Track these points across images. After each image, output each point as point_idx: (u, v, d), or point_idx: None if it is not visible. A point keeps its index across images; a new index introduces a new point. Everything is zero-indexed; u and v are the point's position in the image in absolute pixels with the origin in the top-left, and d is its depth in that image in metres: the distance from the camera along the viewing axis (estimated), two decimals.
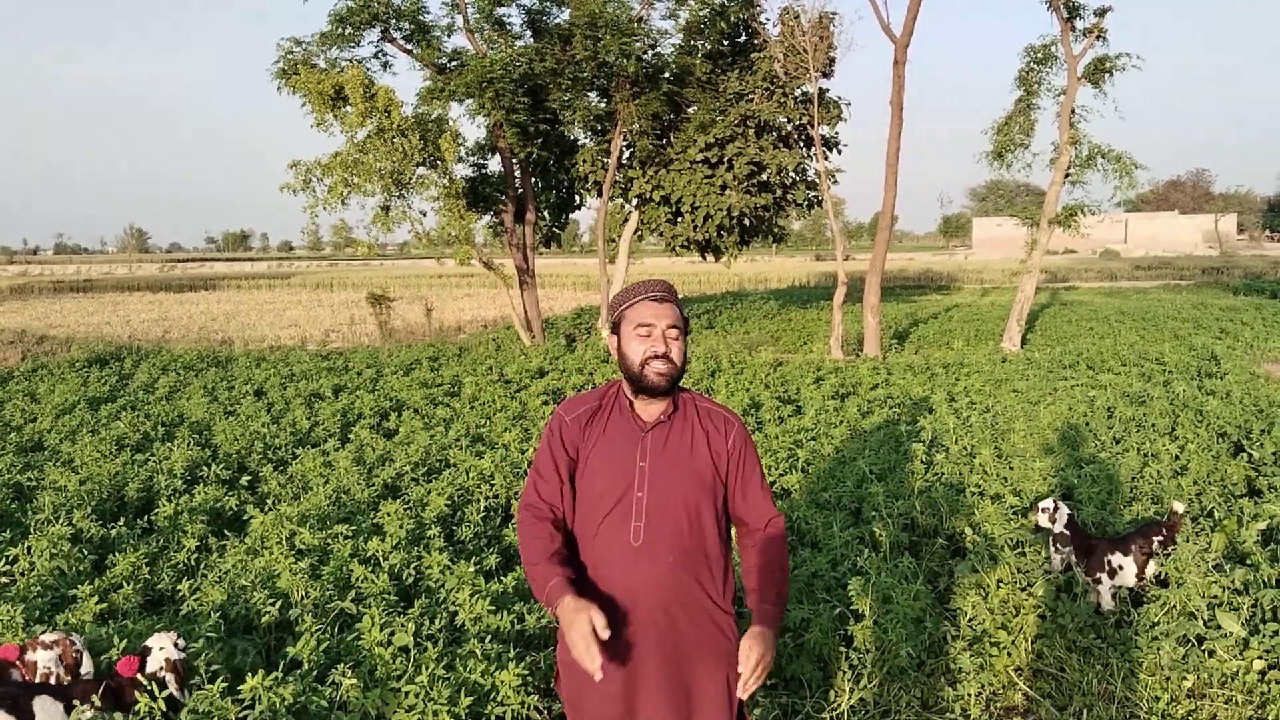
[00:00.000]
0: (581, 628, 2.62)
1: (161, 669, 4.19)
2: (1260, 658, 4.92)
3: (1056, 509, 6.07)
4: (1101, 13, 19.81)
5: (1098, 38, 19.96)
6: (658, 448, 2.94)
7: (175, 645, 4.27)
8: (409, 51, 22.31)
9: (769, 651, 2.77)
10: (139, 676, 4.13)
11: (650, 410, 2.98)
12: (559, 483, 2.97)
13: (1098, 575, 5.85)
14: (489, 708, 4.27)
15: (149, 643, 4.26)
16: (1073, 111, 20.15)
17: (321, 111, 20.10)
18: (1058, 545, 6.03)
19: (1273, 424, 9.79)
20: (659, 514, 2.90)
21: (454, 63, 22.30)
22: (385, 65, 22.54)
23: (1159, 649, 5.08)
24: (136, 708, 3.96)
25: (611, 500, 2.90)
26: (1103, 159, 20.23)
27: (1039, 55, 21.03)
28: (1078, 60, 20.08)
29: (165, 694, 4.04)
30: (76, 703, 3.96)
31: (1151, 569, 5.81)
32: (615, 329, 3.02)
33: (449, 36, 22.64)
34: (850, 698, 4.65)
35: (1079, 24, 20.06)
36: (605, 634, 2.62)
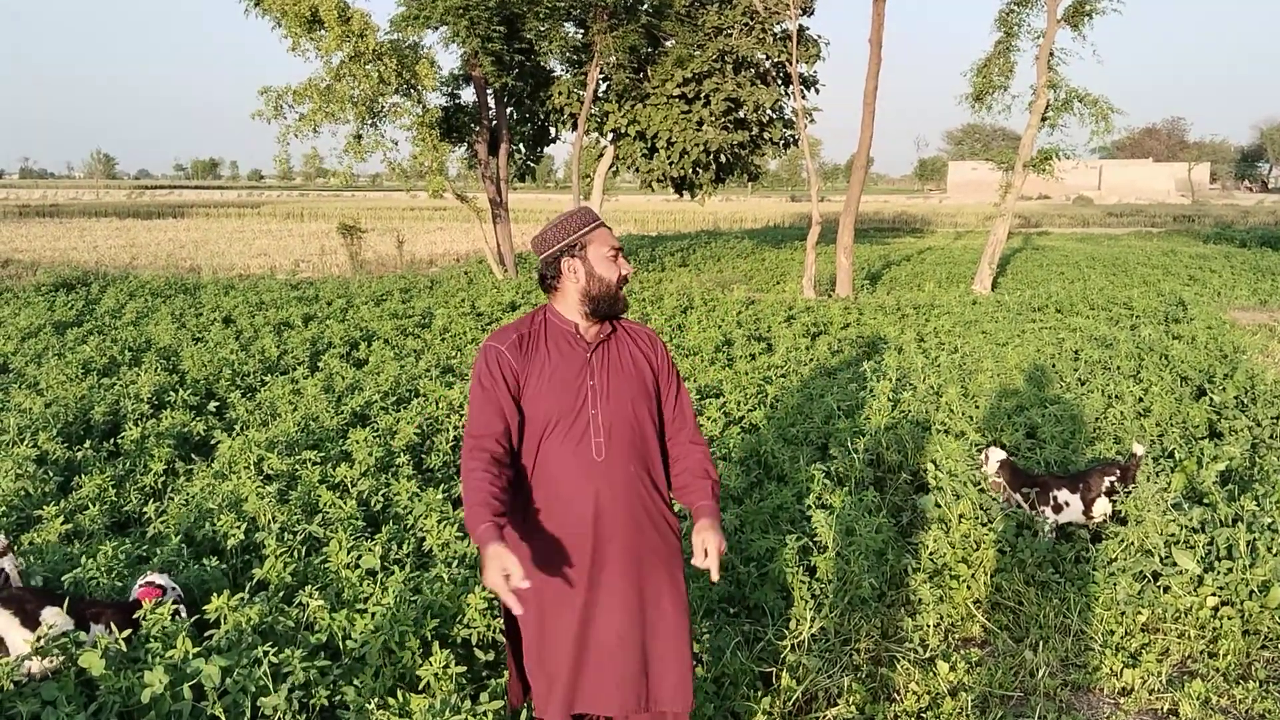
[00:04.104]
0: (494, 576, 2.70)
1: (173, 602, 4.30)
2: (1214, 594, 5.02)
3: (989, 456, 6.20)
4: None
5: None
6: (602, 365, 3.04)
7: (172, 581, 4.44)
8: None
9: (721, 538, 3.01)
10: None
11: (592, 331, 3.08)
12: (502, 410, 2.98)
13: (1041, 510, 5.97)
14: (455, 630, 4.31)
15: (155, 579, 4.35)
16: (1051, 54, 20.04)
17: (297, 35, 19.68)
18: (993, 491, 6.18)
19: (1236, 369, 9.92)
20: (616, 428, 3.01)
21: None
22: None
23: (1115, 584, 5.17)
24: (147, 624, 4.03)
25: (566, 420, 2.97)
26: (1080, 103, 20.17)
27: None
28: (1058, 2, 19.94)
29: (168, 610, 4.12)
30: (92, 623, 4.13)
31: (1102, 507, 5.90)
32: (573, 253, 3.04)
33: None
34: (812, 626, 4.72)
35: None
36: (524, 584, 2.69)
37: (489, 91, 22.92)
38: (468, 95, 24.21)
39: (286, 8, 19.29)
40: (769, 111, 24.17)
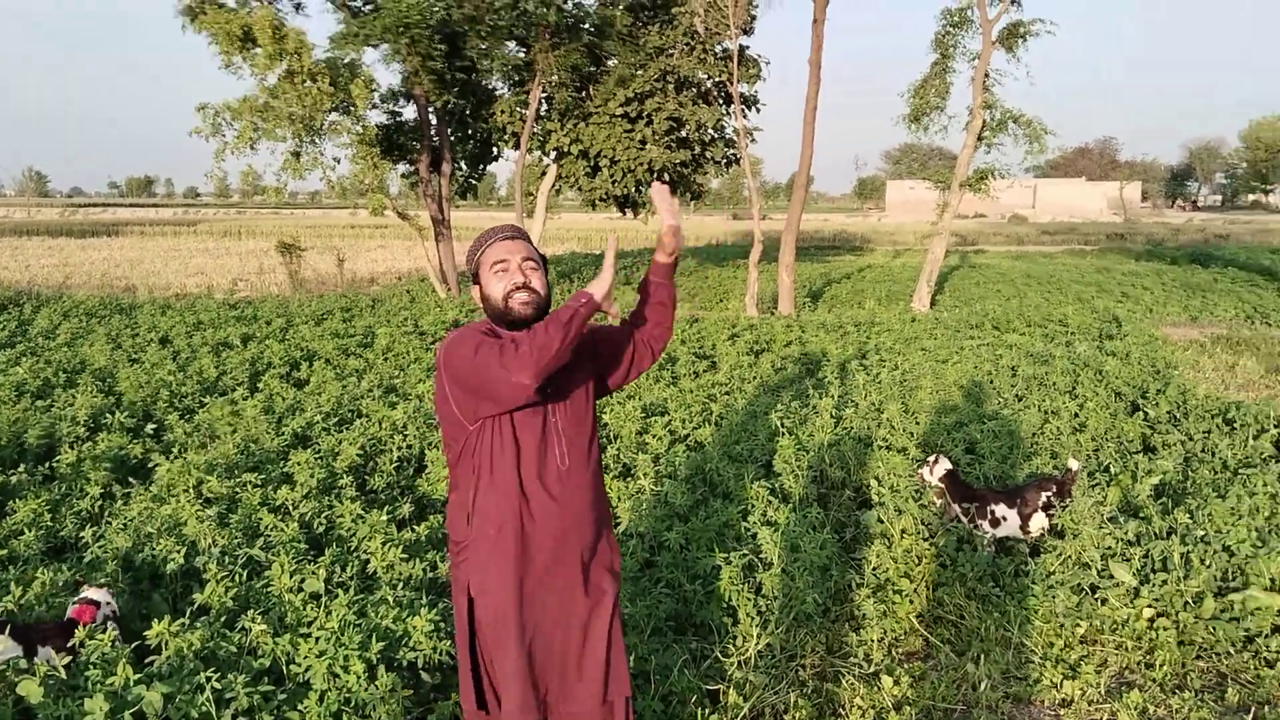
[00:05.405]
0: (605, 272, 2.89)
1: (106, 619, 4.31)
2: (1150, 606, 5.14)
3: (937, 462, 6.32)
4: None
5: (1012, 2, 20.23)
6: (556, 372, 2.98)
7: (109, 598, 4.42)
8: None
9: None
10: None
11: None
12: None
13: (979, 524, 6.07)
14: (401, 653, 4.28)
15: (91, 595, 4.32)
16: (986, 75, 20.43)
17: (229, 53, 19.52)
18: (934, 497, 6.32)
19: (1168, 384, 10.15)
20: (576, 434, 3.05)
21: (368, 5, 21.77)
22: (297, 6, 21.96)
23: (1054, 597, 5.28)
24: (86, 650, 3.96)
25: (528, 429, 2.96)
26: (1014, 124, 20.57)
27: (955, 19, 21.22)
28: (992, 25, 20.33)
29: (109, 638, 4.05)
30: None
31: (1039, 522, 6.01)
32: (475, 278, 3.07)
33: None
34: (758, 643, 4.75)
35: None
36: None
37: (430, 109, 22.86)
38: (409, 113, 24.15)
39: (219, 26, 19.12)
40: (711, 131, 24.37)
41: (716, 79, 23.51)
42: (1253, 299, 21.32)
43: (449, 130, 23.79)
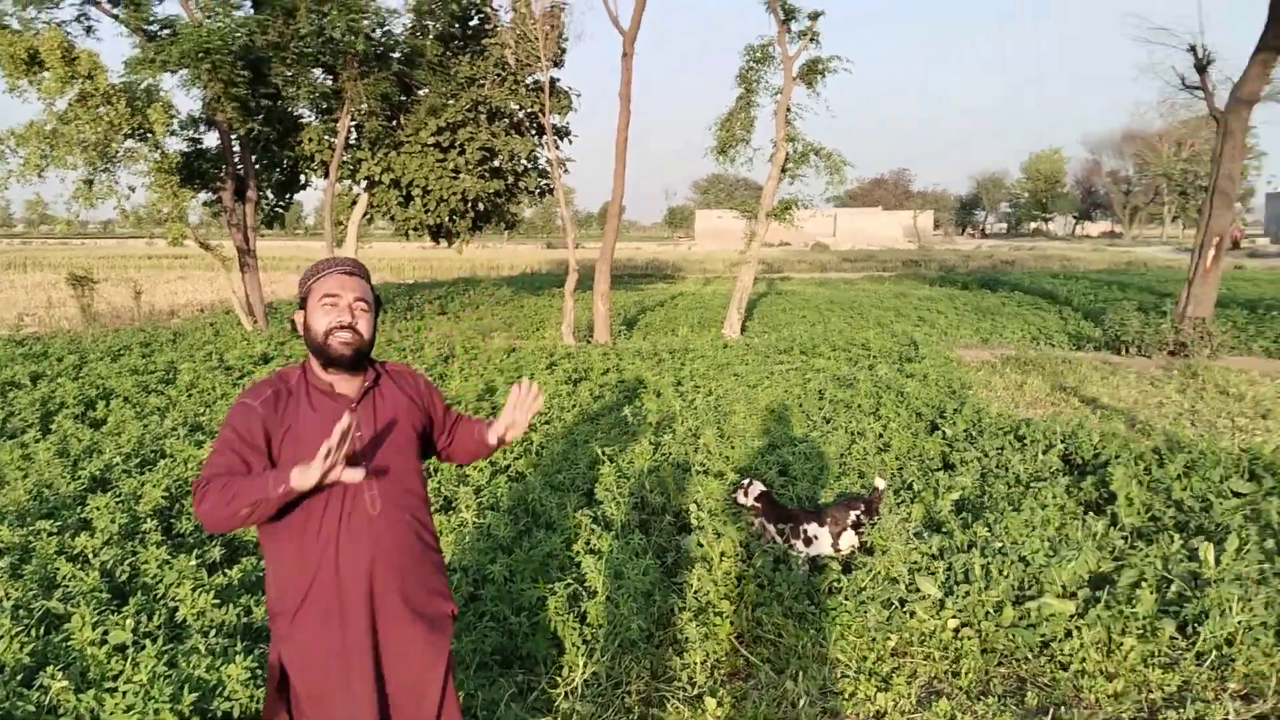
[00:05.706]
0: (315, 463, 2.62)
1: None
2: (954, 616, 5.43)
3: (751, 485, 6.54)
4: (814, 16, 20.90)
5: (811, 40, 21.06)
6: (370, 417, 2.98)
7: None
8: (115, 15, 20.75)
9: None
10: None
11: (351, 385, 2.99)
12: (247, 464, 2.83)
13: (792, 542, 6.29)
14: (215, 703, 4.12)
15: None
16: (788, 110, 21.17)
17: (14, 77, 18.44)
18: (750, 519, 6.53)
19: (964, 404, 10.72)
20: (389, 478, 2.97)
21: (166, 30, 20.94)
22: (89, 30, 20.90)
23: (866, 612, 5.50)
24: None
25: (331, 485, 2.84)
26: (815, 156, 21.37)
27: (758, 55, 21.89)
28: (793, 61, 21.11)
29: None
30: None
31: (849, 539, 6.27)
32: (303, 304, 3.01)
33: (160, 1, 21.31)
34: (584, 672, 4.78)
35: (794, 26, 21.09)
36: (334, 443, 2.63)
37: (234, 136, 22.13)
38: (211, 140, 23.31)
39: (1, 48, 18.04)
40: (524, 161, 24.48)
41: (529, 110, 23.65)
42: (1037, 321, 22.72)
43: (254, 158, 23.08)
